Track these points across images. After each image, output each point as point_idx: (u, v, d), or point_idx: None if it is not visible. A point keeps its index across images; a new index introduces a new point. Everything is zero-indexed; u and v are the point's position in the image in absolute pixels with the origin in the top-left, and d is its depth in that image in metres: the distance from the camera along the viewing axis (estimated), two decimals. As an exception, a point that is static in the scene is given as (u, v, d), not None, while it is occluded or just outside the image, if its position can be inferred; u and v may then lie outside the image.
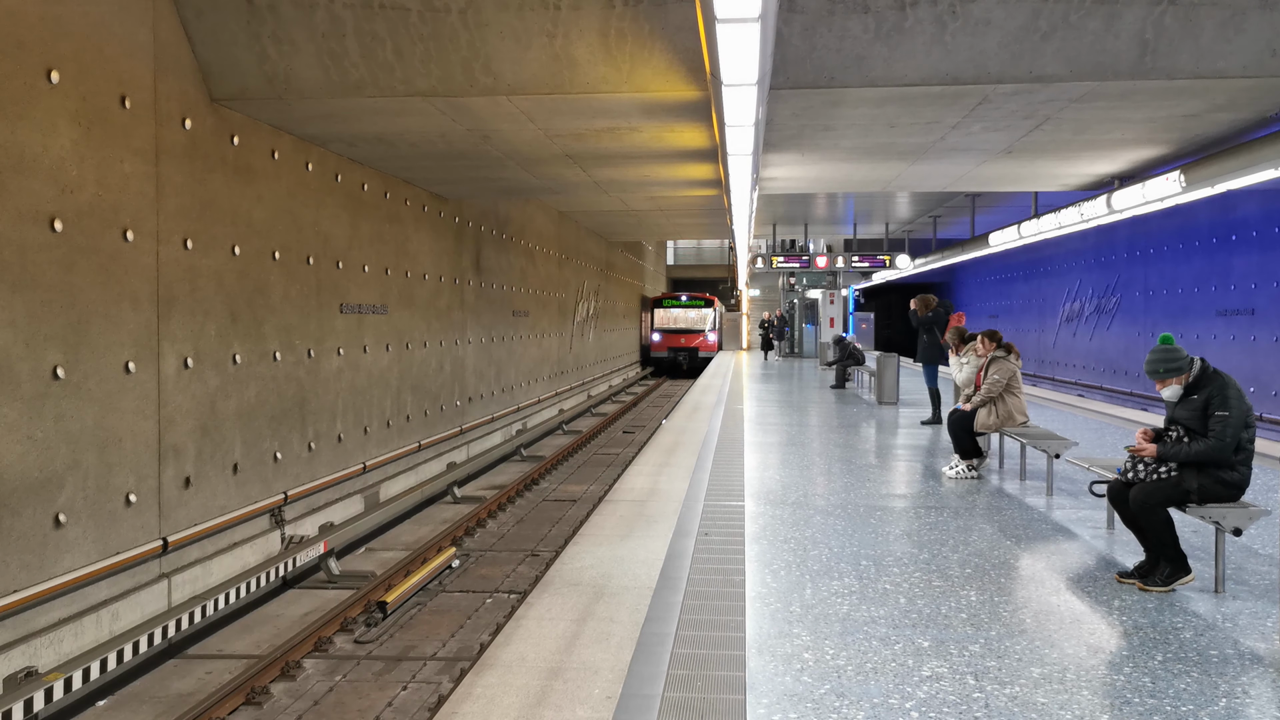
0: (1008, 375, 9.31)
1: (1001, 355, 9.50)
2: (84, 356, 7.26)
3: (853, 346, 21.58)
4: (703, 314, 43.26)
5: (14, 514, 6.59)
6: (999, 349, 9.64)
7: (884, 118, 10.36)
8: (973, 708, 3.96)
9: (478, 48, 8.29)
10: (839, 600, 5.43)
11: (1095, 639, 4.84)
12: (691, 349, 41.63)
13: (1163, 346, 5.67)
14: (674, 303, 42.60)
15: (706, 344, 41.57)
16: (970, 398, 9.62)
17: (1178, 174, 12.82)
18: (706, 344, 41.57)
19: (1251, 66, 8.39)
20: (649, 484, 8.89)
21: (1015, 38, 8.35)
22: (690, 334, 41.83)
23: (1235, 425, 5.39)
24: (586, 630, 4.86)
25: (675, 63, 8.31)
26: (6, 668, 6.38)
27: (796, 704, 4.00)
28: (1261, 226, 19.05)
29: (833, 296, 33.31)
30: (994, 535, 7.12)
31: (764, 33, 6.31)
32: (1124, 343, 25.73)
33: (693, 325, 42.08)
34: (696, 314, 43.08)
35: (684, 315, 43.01)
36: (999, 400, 9.26)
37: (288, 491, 10.41)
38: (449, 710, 3.93)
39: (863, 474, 9.66)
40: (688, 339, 41.84)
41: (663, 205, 18.99)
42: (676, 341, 41.86)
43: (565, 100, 8.94)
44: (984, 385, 9.39)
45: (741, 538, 6.83)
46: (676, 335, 41.85)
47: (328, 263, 11.47)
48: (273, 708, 7.29)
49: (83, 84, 7.20)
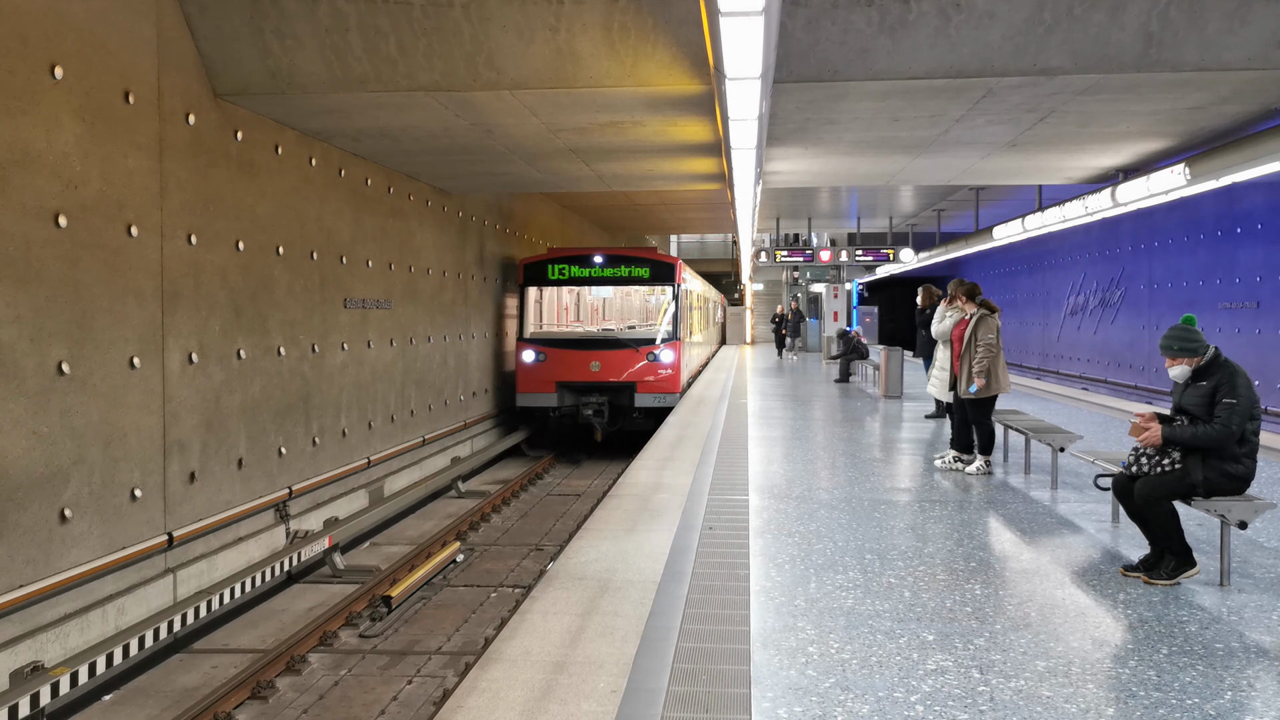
0: (995, 331, 9.11)
1: (986, 313, 9.28)
2: (89, 352, 7.27)
3: (857, 340, 21.56)
4: (648, 299, 23.55)
5: (20, 509, 6.60)
6: (981, 308, 9.36)
7: (888, 111, 10.33)
8: (978, 701, 3.96)
9: (481, 42, 8.28)
10: (843, 594, 5.43)
11: (1100, 632, 4.84)
12: (621, 386, 17.75)
13: (1183, 325, 5.66)
14: (576, 272, 18.45)
15: (658, 374, 17.75)
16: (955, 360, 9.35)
17: (1182, 167, 12.77)
18: (658, 374, 17.75)
19: (1257, 59, 8.35)
20: (653, 478, 8.89)
21: (1019, 30, 8.33)
22: (616, 351, 17.91)
23: (1242, 414, 5.37)
24: (591, 624, 4.87)
25: (679, 57, 8.29)
26: (13, 662, 6.41)
27: (801, 697, 4.00)
28: (1267, 219, 19.00)
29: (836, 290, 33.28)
30: (998, 529, 7.11)
31: (767, 26, 6.29)
32: (1128, 336, 25.68)
33: (621, 337, 18.85)
34: (632, 295, 23.28)
35: (602, 301, 22.92)
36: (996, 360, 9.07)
37: (292, 486, 10.42)
38: (454, 704, 3.93)
39: (867, 468, 9.65)
40: (609, 363, 17.80)
41: (666, 199, 18.99)
42: (580, 369, 17.77)
43: (568, 95, 8.93)
44: (980, 348, 9.03)
45: (746, 532, 6.84)
46: (581, 354, 17.87)
47: (331, 258, 11.47)
48: (278, 702, 7.31)
49: (86, 79, 7.20)
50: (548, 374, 17.25)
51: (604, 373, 17.35)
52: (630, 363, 17.45)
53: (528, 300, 18.21)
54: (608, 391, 17.45)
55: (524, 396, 17.54)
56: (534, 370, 17.39)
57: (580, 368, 17.30)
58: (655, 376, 17.35)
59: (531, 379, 17.42)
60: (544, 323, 19.18)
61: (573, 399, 17.54)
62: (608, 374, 17.35)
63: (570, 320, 21.48)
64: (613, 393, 17.46)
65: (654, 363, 17.39)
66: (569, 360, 17.41)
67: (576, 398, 17.51)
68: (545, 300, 19.35)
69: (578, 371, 17.31)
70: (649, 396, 17.30)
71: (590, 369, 17.31)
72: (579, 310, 22.61)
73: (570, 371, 17.33)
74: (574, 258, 18.07)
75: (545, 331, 18.77)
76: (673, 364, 17.50)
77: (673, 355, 17.55)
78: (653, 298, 24.49)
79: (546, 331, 18.85)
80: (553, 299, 20.14)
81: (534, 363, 17.39)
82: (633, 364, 17.42)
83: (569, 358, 17.43)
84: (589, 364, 17.32)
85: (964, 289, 9.78)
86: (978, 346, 9.07)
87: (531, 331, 18.15)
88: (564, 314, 21.14)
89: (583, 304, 22.98)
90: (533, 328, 18.24)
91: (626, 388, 17.38)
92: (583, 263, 18.09)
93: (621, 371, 17.37)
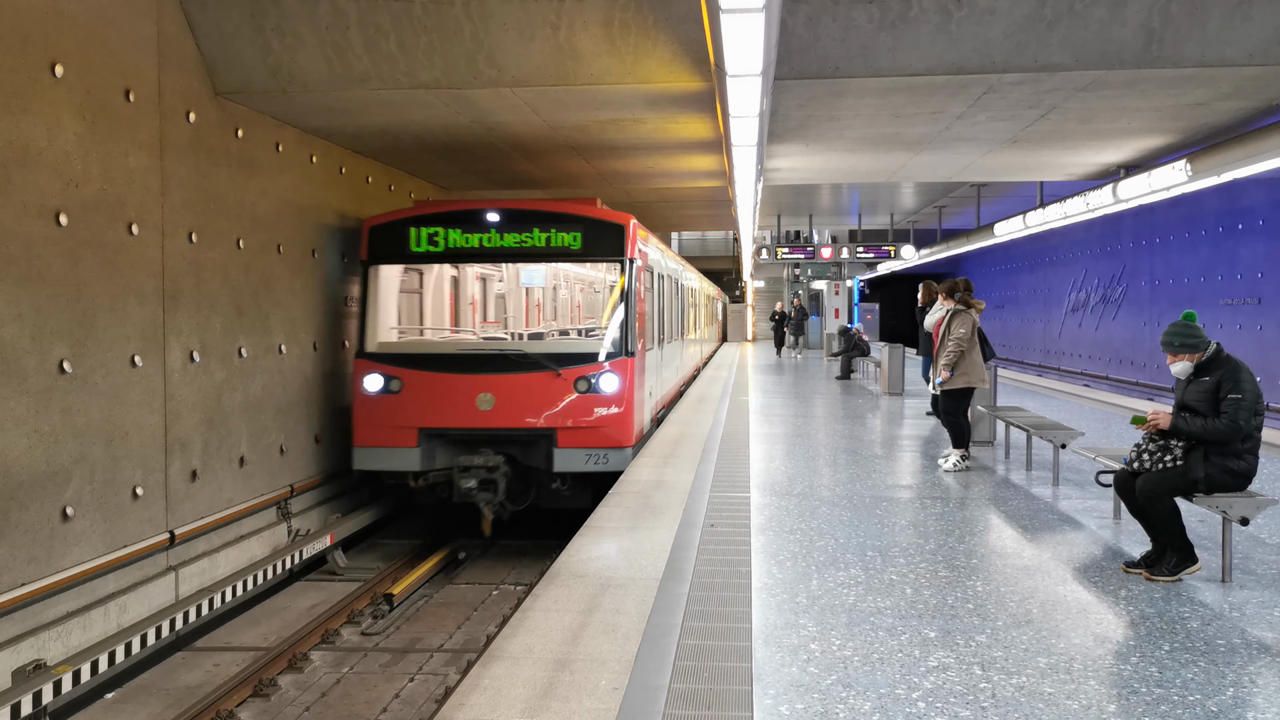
0: (969, 326, 9.16)
1: (962, 309, 9.33)
2: (90, 350, 7.27)
3: (858, 337, 21.54)
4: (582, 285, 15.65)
5: (22, 507, 6.61)
6: (959, 303, 9.39)
7: (889, 108, 10.33)
8: (979, 698, 3.96)
9: (481, 40, 8.28)
10: (845, 591, 5.43)
11: (1102, 629, 4.83)
12: (529, 435, 10.51)
13: (1184, 322, 5.65)
14: (456, 239, 10.87)
15: (594, 415, 10.44)
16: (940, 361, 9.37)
17: (1184, 163, 12.76)
18: (594, 415, 10.44)
19: (1258, 54, 8.35)
20: (654, 476, 8.90)
21: (1020, 27, 8.32)
22: (522, 376, 10.49)
23: (1248, 408, 5.36)
24: (593, 622, 4.87)
25: (679, 54, 8.29)
26: (15, 661, 6.41)
27: (803, 694, 4.00)
28: (1268, 215, 18.99)
29: (838, 288, 33.27)
30: (1000, 525, 7.11)
31: (768, 23, 6.29)
32: (1130, 333, 25.68)
33: (531, 352, 10.85)
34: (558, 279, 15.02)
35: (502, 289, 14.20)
36: (965, 355, 9.13)
37: (294, 484, 10.42)
38: (456, 702, 3.94)
39: (868, 465, 9.65)
40: (510, 396, 10.44)
41: (667, 197, 18.98)
42: (459, 406, 10.46)
43: (569, 92, 8.93)
44: (950, 342, 9.15)
45: (747, 529, 6.84)
46: (462, 380, 10.50)
47: (333, 256, 11.46)
48: (280, 699, 7.32)
49: (87, 77, 7.20)
50: (404, 415, 10.35)
51: (500, 413, 10.29)
52: (547, 395, 10.31)
53: (374, 289, 10.91)
54: (506, 445, 10.46)
55: (365, 454, 10.50)
56: (381, 408, 10.39)
57: (460, 404, 10.30)
58: (591, 419, 10.30)
59: (376, 423, 10.41)
60: (401, 327, 11.67)
61: (447, 457, 10.53)
62: (507, 415, 10.29)
63: (446, 323, 12.64)
64: (517, 446, 10.52)
65: (589, 395, 10.32)
66: (441, 391, 10.36)
67: (453, 456, 10.48)
68: (404, 289, 11.81)
69: (455, 411, 10.33)
70: (578, 455, 10.28)
71: (477, 407, 10.27)
72: (461, 306, 13.01)
73: (443, 411, 10.36)
74: (453, 216, 10.81)
75: (402, 343, 11.31)
76: (621, 396, 10.39)
77: (620, 382, 10.39)
78: (590, 283, 15.01)
79: (404, 343, 11.36)
80: (417, 287, 12.28)
81: (381, 394, 10.40)
82: (551, 397, 10.31)
83: (441, 387, 10.38)
84: (475, 397, 10.28)
85: (943, 287, 9.85)
86: (949, 340, 9.20)
87: (379, 343, 10.82)
88: (435, 313, 12.52)
89: (466, 295, 13.08)
90: (381, 336, 10.94)
91: (539, 438, 10.37)
92: (468, 223, 10.72)
93: (530, 411, 10.30)
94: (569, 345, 12.25)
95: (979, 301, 9.62)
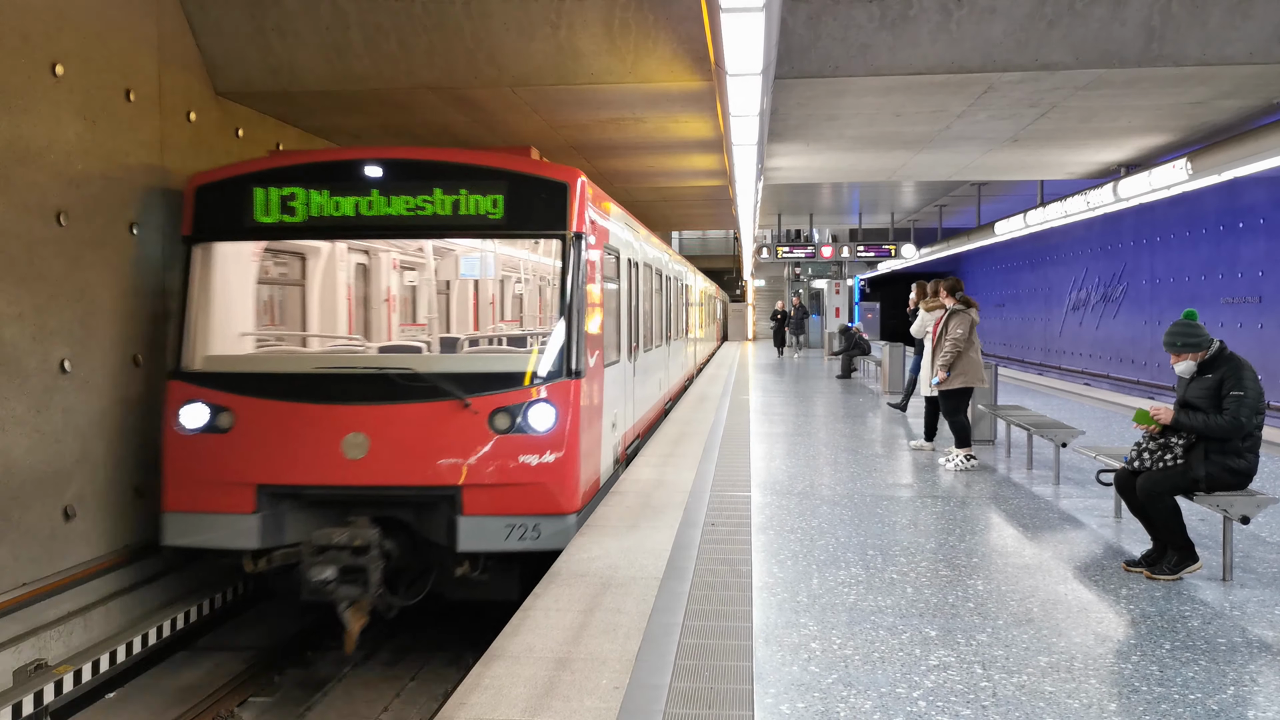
0: (967, 326, 9.15)
1: (961, 309, 9.30)
2: (92, 350, 7.27)
3: (859, 336, 21.54)
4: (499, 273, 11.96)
5: (24, 508, 6.61)
6: (958, 303, 9.36)
7: (889, 107, 10.33)
8: (980, 696, 3.96)
9: (482, 39, 8.28)
10: (846, 590, 5.44)
11: (1103, 628, 4.84)
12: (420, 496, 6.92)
13: (1185, 321, 5.65)
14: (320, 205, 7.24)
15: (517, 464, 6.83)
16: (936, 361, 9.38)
17: (1184, 161, 12.76)
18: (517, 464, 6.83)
19: (1259, 53, 8.35)
20: (655, 475, 8.90)
21: (1021, 25, 8.32)
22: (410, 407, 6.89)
23: (1251, 405, 5.36)
24: (594, 621, 4.87)
25: (680, 53, 8.29)
26: (16, 660, 6.41)
27: (804, 693, 4.00)
28: (1268, 214, 18.98)
29: (838, 286, 33.28)
30: (1001, 524, 7.12)
31: (768, 22, 6.29)
32: (1130, 331, 25.67)
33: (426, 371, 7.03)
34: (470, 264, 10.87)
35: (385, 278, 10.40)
36: (964, 355, 9.13)
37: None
38: (457, 701, 3.94)
39: (869, 464, 9.66)
40: (392, 435, 6.83)
41: (668, 196, 18.99)
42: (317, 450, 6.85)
43: (569, 91, 8.93)
44: (947, 342, 9.14)
45: (748, 528, 6.84)
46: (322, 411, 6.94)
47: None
48: (283, 699, 7.32)
49: (87, 77, 7.20)
50: (236, 464, 7.02)
51: (378, 462, 6.90)
52: (449, 436, 6.93)
53: (200, 277, 7.55)
54: (384, 506, 7.08)
55: (179, 523, 7.12)
56: (203, 454, 7.11)
57: (319, 449, 6.94)
58: (514, 472, 6.90)
59: (195, 476, 7.10)
60: (235, 335, 7.96)
61: (300, 528, 7.10)
62: (388, 466, 6.91)
63: (303, 326, 9.46)
64: (408, 510, 7.14)
65: (512, 436, 6.93)
66: (291, 429, 7.02)
67: (307, 525, 7.08)
68: (246, 277, 8.23)
69: (312, 459, 6.96)
70: (493, 526, 6.87)
71: (343, 453, 6.90)
72: (325, 303, 9.56)
73: (293, 459, 6.99)
74: (318, 170, 7.51)
75: (236, 359, 7.74)
76: (560, 435, 6.99)
77: (559, 416, 7.00)
78: (516, 270, 11.90)
79: (239, 359, 7.78)
80: (265, 275, 8.92)
81: (203, 433, 7.11)
82: (456, 439, 6.92)
83: (291, 423, 7.03)
84: (340, 439, 6.92)
85: (945, 284, 9.76)
86: (945, 341, 9.19)
87: (204, 357, 7.47)
88: (290, 313, 9.50)
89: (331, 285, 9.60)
90: (208, 346, 7.54)
91: (437, 501, 6.99)
92: (340, 180, 7.38)
93: (423, 459, 6.91)
94: (484, 361, 8.21)
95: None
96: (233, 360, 7.59)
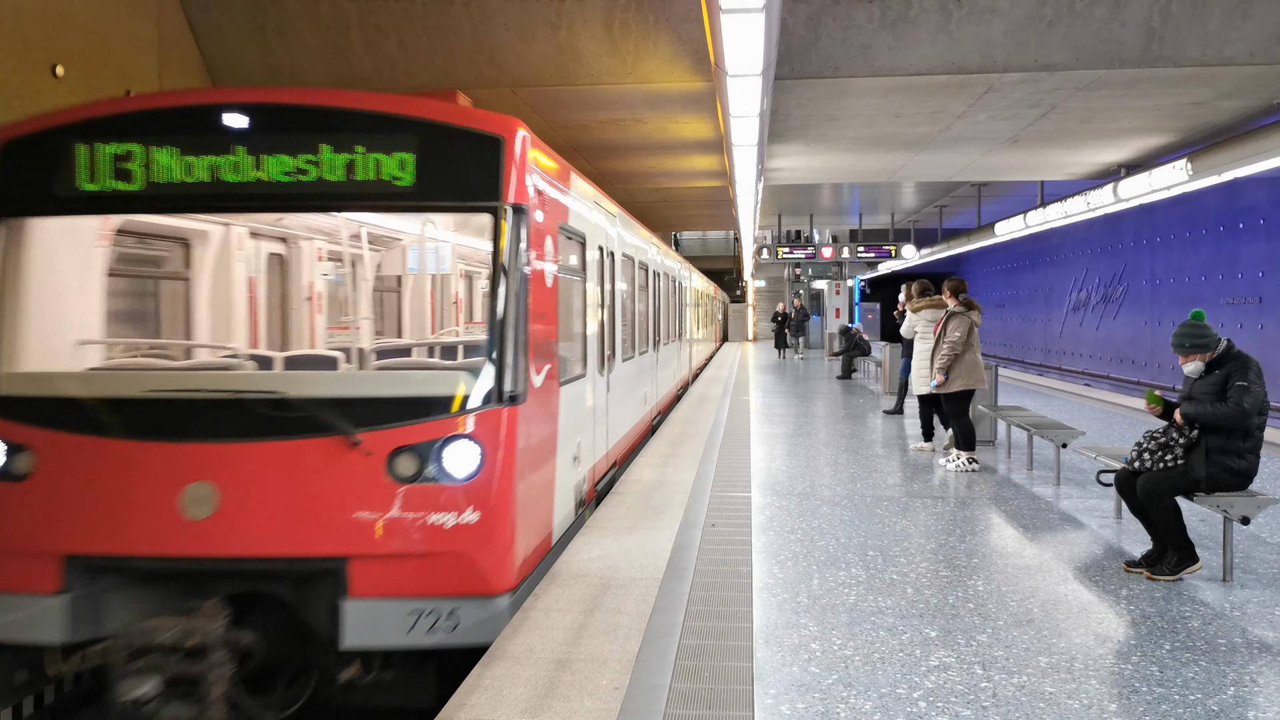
0: (965, 329, 9.13)
1: (961, 310, 9.26)
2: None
3: (859, 337, 21.54)
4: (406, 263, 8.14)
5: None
6: (960, 304, 9.30)
7: (889, 107, 10.34)
8: (980, 697, 3.96)
9: (482, 40, 8.29)
10: (846, 590, 5.43)
11: (1103, 628, 4.84)
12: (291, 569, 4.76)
13: (1193, 321, 5.65)
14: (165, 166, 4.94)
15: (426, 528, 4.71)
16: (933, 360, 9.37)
17: (1184, 162, 12.77)
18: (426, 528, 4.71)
19: (1259, 54, 8.35)
20: (656, 475, 8.89)
21: (1021, 26, 8.33)
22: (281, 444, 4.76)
23: (1255, 398, 5.34)
24: (594, 621, 4.87)
25: (680, 54, 8.30)
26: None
27: (804, 694, 4.00)
28: (1269, 214, 18.98)
29: (838, 287, 33.30)
30: (1001, 525, 7.11)
31: (768, 23, 6.30)
32: (1131, 332, 25.68)
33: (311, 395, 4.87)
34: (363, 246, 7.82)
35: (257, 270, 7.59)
36: (962, 358, 9.10)
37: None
38: (457, 701, 3.94)
39: (869, 464, 9.66)
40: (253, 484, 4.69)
41: (668, 197, 19.00)
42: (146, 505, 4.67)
43: (570, 92, 8.94)
44: (945, 344, 9.11)
45: (748, 528, 6.84)
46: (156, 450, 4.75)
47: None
48: (282, 700, 7.30)
49: (88, 78, 7.21)
50: (34, 525, 4.84)
51: (232, 523, 4.71)
52: (331, 487, 4.76)
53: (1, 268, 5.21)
54: (245, 580, 4.92)
55: None
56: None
57: (150, 503, 4.72)
58: (420, 536, 4.76)
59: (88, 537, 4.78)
60: (56, 345, 5.64)
61: (127, 612, 4.86)
62: (245, 528, 4.72)
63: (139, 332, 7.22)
64: (281, 584, 4.93)
65: (420, 486, 4.77)
66: (110, 476, 4.80)
67: (137, 610, 4.86)
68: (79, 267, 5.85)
69: (140, 518, 4.73)
70: (392, 611, 4.75)
71: (181, 511, 4.68)
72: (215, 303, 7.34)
73: (115, 518, 4.76)
74: (162, 118, 5.22)
75: (39, 377, 5.25)
76: (488, 485, 4.84)
77: (481, 458, 4.84)
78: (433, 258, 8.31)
79: (43, 378, 5.26)
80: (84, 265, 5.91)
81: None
82: (342, 491, 4.75)
83: (110, 468, 4.81)
84: (177, 490, 4.69)
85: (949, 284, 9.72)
86: (943, 343, 9.19)
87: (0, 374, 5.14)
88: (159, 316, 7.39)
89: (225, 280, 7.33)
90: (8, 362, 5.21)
91: (316, 576, 4.79)
92: (193, 134, 5.08)
93: (296, 519, 4.74)
94: (380, 383, 5.70)
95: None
96: (38, 380, 5.22)
